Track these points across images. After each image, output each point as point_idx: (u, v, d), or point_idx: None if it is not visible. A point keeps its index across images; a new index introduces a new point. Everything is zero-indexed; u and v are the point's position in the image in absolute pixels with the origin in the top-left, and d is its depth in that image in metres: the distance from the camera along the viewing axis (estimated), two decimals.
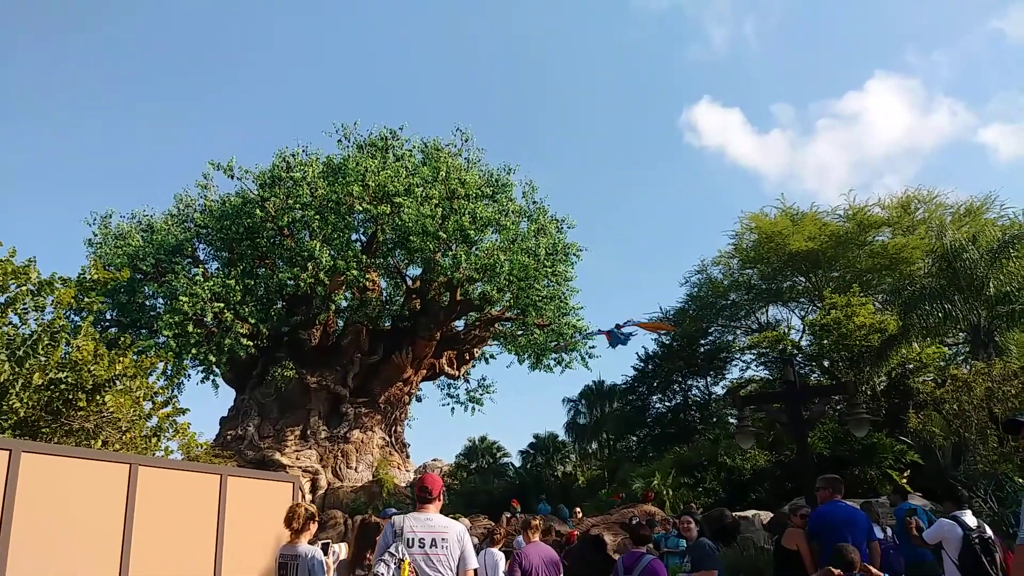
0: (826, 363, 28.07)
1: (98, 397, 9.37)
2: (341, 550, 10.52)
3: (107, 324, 26.53)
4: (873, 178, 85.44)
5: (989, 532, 7.64)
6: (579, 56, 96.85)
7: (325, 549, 8.54)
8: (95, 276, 11.16)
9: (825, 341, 26.44)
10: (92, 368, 9.34)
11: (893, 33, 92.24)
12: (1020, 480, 14.58)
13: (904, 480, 18.90)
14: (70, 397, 9.21)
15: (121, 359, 9.85)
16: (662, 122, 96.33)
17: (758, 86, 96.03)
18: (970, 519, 7.72)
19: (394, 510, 18.17)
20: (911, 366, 24.81)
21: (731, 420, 29.67)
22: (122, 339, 11.29)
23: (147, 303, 27.19)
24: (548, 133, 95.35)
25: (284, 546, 6.76)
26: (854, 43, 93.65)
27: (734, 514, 16.99)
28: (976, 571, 7.34)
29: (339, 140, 28.44)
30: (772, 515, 17.69)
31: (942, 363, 24.76)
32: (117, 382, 9.73)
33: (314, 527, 6.83)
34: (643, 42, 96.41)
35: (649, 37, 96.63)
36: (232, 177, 27.74)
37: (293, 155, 27.74)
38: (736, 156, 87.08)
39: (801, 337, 31.78)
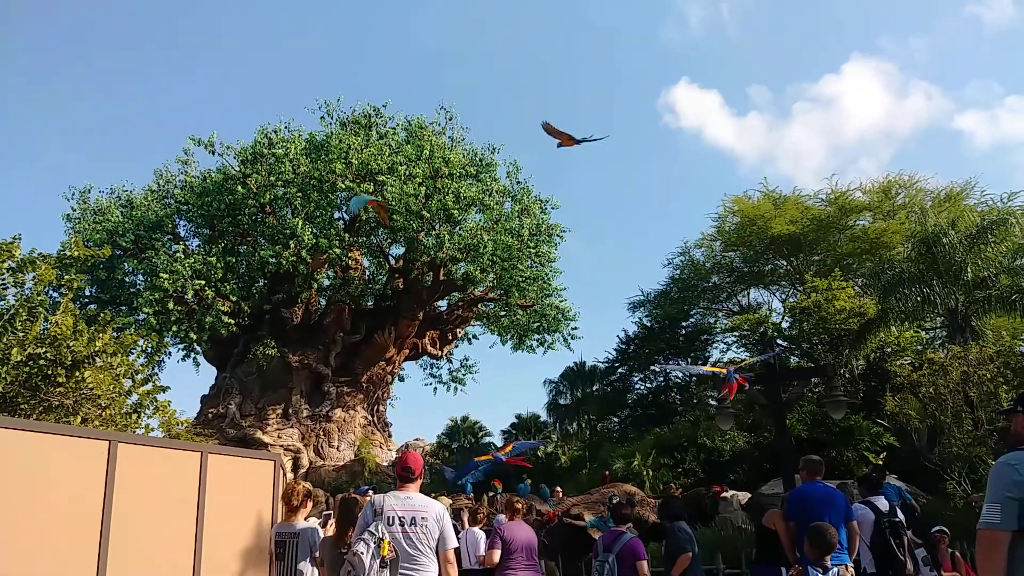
0: (805, 346, 28.34)
1: (77, 373, 9.28)
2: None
3: (86, 300, 26.28)
4: (848, 162, 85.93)
5: (901, 516, 8.17)
6: (555, 36, 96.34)
7: (326, 521, 8.56)
8: (75, 253, 11.03)
9: (805, 324, 26.68)
10: (71, 344, 9.24)
11: (869, 16, 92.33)
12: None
13: (880, 462, 19.17)
14: (49, 373, 9.11)
15: (101, 335, 9.76)
16: (641, 103, 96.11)
17: (735, 68, 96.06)
18: (882, 503, 8.18)
19: (367, 487, 18.14)
20: (889, 350, 25.09)
21: (711, 402, 29.93)
22: (102, 315, 11.20)
23: (127, 279, 26.96)
24: (526, 114, 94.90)
25: (280, 524, 6.75)
26: (831, 26, 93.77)
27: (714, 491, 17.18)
28: (886, 553, 7.80)
29: (322, 117, 28.23)
30: (750, 496, 17.94)
31: (919, 347, 25.06)
32: (97, 359, 9.64)
33: (311, 505, 6.85)
34: (619, 22, 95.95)
35: (624, 16, 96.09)
36: (213, 153, 27.49)
37: (275, 131, 27.47)
38: (713, 138, 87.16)
39: (782, 320, 32.04)
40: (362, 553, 4.78)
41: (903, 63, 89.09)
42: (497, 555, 7.66)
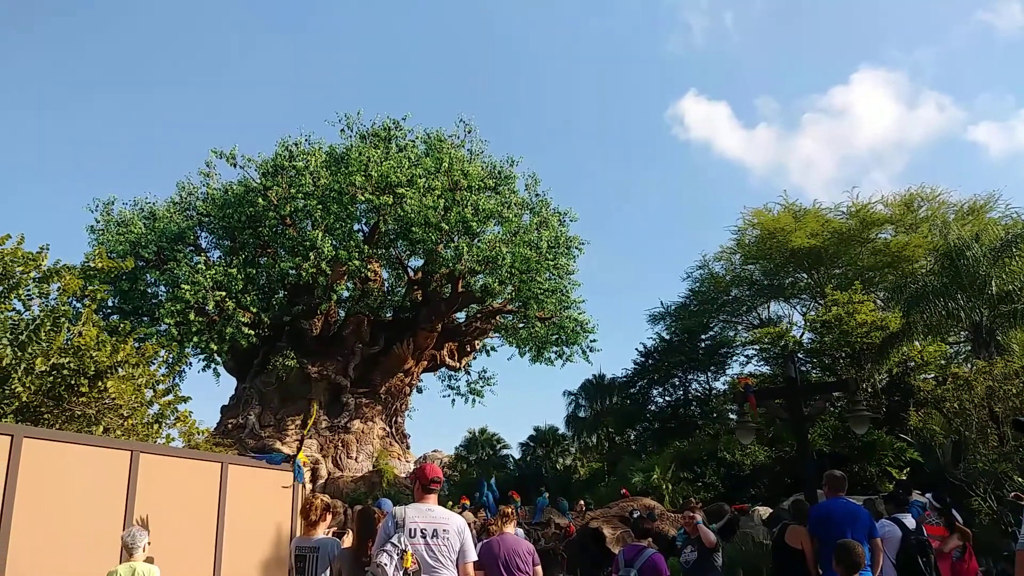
0: (827, 360, 28.05)
1: (100, 383, 9.37)
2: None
3: (108, 311, 26.54)
4: (860, 173, 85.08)
5: (926, 534, 8.05)
6: (560, 47, 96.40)
7: (343, 532, 8.53)
8: (99, 264, 11.15)
9: (826, 338, 26.41)
10: (94, 354, 9.33)
11: (876, 26, 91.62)
12: (1019, 479, 14.56)
13: (904, 477, 18.91)
14: (72, 383, 9.20)
15: (123, 346, 9.85)
16: (649, 115, 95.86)
17: (742, 79, 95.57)
18: (909, 521, 8.06)
19: (388, 501, 18.15)
20: (912, 364, 24.78)
21: (731, 415, 29.66)
22: (123, 326, 11.30)
23: (149, 291, 27.22)
24: (536, 128, 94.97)
25: (299, 538, 6.74)
26: (836, 36, 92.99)
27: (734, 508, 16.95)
28: (911, 570, 7.68)
29: (342, 129, 28.45)
30: (771, 510, 17.74)
31: (943, 361, 24.73)
32: (119, 369, 9.72)
33: (330, 518, 6.82)
34: (623, 33, 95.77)
35: (629, 28, 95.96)
36: (235, 165, 27.77)
37: (296, 144, 27.71)
38: (723, 150, 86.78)
39: (803, 333, 31.74)
40: (385, 564, 4.76)
41: (912, 73, 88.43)
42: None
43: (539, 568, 7.25)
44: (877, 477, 21.24)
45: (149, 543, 6.04)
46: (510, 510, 7.75)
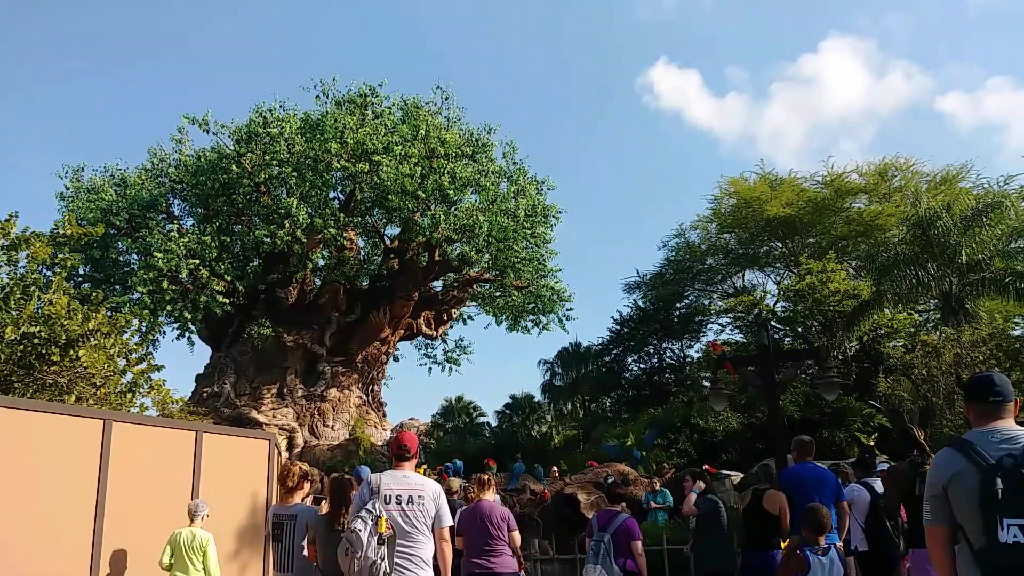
0: (799, 328, 28.42)
1: (72, 352, 9.29)
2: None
3: (80, 279, 26.20)
4: (829, 142, 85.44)
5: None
6: (530, 15, 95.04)
7: (318, 500, 8.57)
8: (69, 231, 10.99)
9: (799, 306, 26.75)
10: (65, 323, 9.23)
11: None
12: None
13: (872, 443, 19.30)
14: (43, 352, 9.11)
15: (95, 315, 9.75)
16: (620, 84, 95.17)
17: (713, 47, 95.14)
18: (878, 485, 8.25)
19: (366, 468, 18.27)
20: (882, 332, 25.17)
21: (705, 383, 30.03)
22: (95, 294, 11.17)
23: (121, 259, 26.86)
24: (506, 98, 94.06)
25: (277, 505, 6.76)
26: (806, 3, 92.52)
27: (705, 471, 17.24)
28: (880, 533, 7.91)
29: (317, 96, 28.04)
30: (742, 475, 18.05)
31: (912, 329, 25.14)
32: (91, 338, 9.64)
33: (307, 486, 6.85)
34: (594, 0, 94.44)
35: None
36: (207, 132, 27.32)
37: (270, 110, 27.28)
38: (693, 119, 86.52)
39: (776, 302, 32.09)
40: (360, 530, 4.80)
41: (881, 42, 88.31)
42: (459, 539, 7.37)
43: (516, 533, 7.35)
44: (846, 442, 21.68)
45: (208, 515, 6.84)
46: (487, 477, 7.80)
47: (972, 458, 3.18)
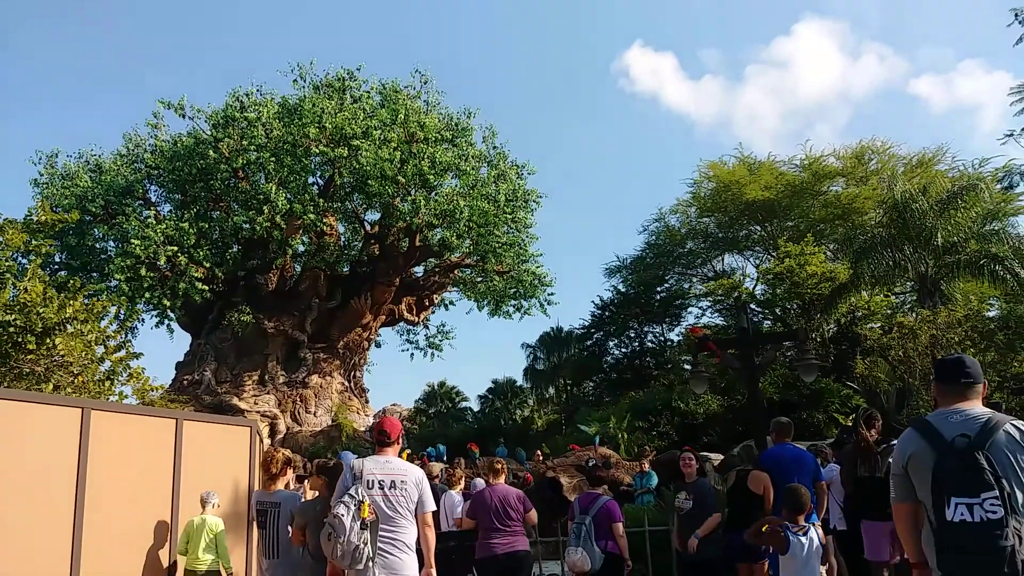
0: (778, 311, 28.69)
1: (48, 340, 9.20)
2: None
3: (56, 267, 25.86)
4: (804, 126, 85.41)
5: None
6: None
7: (301, 483, 8.58)
8: (43, 218, 10.86)
9: (778, 289, 27.00)
10: (41, 311, 9.13)
11: None
12: None
13: (849, 423, 19.53)
14: (19, 340, 9.01)
15: (71, 302, 9.65)
16: (595, 68, 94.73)
17: (687, 30, 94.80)
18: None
19: (350, 454, 18.30)
20: (859, 314, 25.47)
21: (686, 366, 30.26)
22: (72, 282, 11.04)
23: (97, 246, 26.55)
24: (482, 82, 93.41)
25: (260, 492, 6.74)
26: None
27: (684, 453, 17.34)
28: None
29: (295, 80, 27.76)
30: (723, 457, 18.22)
31: (889, 311, 25.46)
32: (68, 325, 9.54)
33: (291, 472, 6.84)
34: None
35: None
36: (184, 116, 27.01)
37: (247, 95, 27.00)
38: (669, 102, 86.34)
39: (755, 285, 32.35)
40: (342, 515, 4.82)
41: (855, 24, 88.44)
42: (470, 520, 7.63)
43: (532, 513, 7.47)
44: (824, 424, 21.96)
45: (218, 503, 7.08)
46: (500, 464, 7.91)
47: (929, 438, 3.28)
